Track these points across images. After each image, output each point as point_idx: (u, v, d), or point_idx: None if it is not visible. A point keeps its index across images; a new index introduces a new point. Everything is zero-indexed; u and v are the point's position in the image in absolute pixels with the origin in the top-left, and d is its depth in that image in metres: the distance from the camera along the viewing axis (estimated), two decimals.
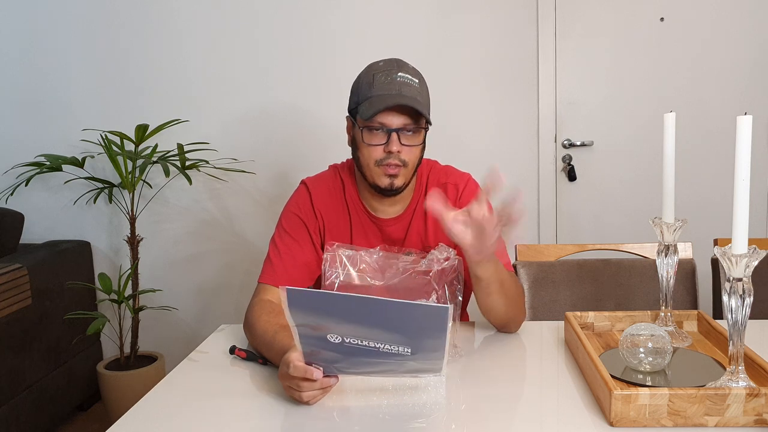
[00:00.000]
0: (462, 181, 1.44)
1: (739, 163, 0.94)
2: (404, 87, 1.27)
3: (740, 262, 0.94)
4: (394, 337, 0.92)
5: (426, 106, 1.31)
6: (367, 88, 1.30)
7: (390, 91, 1.27)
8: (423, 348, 0.93)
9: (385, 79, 1.28)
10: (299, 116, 2.65)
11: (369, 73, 1.31)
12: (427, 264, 1.25)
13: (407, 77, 1.29)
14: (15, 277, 2.20)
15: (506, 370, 1.17)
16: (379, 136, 1.29)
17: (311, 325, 0.93)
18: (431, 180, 1.43)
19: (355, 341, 0.93)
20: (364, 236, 1.42)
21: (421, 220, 1.42)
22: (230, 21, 2.62)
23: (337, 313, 0.91)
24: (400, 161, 1.30)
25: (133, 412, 1.04)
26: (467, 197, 1.41)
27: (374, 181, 1.33)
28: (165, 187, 2.69)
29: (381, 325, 0.91)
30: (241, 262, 2.76)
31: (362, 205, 1.42)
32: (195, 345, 1.34)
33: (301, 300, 0.90)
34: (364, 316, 0.91)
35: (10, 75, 2.71)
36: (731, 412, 0.92)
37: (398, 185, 1.32)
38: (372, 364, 0.98)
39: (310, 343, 0.96)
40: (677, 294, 1.63)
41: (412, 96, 1.27)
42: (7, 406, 2.15)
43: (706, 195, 2.60)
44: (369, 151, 1.31)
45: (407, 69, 1.32)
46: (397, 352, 0.93)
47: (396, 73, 1.29)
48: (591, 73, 2.61)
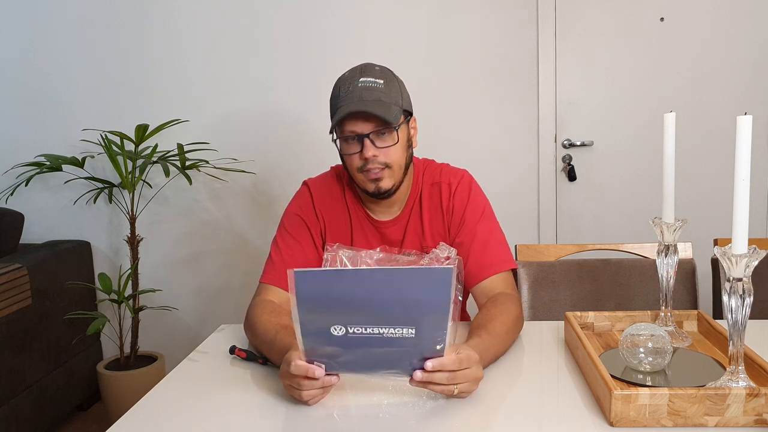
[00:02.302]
0: (455, 179, 1.43)
1: (739, 163, 0.94)
2: (365, 92, 1.28)
3: (740, 262, 0.94)
4: (399, 314, 0.91)
5: (391, 104, 1.29)
6: (334, 100, 1.32)
7: (351, 98, 1.28)
8: (427, 325, 0.92)
9: (347, 88, 1.29)
10: (299, 116, 2.65)
11: (336, 86, 1.33)
12: (427, 263, 1.25)
13: (369, 81, 1.29)
14: (15, 277, 2.20)
15: (506, 369, 1.16)
16: (354, 144, 1.30)
17: (316, 312, 0.92)
18: (425, 179, 1.43)
19: (358, 330, 0.92)
20: (365, 238, 1.42)
21: (417, 221, 1.41)
22: (230, 21, 2.62)
23: (345, 291, 0.90)
24: (380, 164, 1.30)
25: (133, 412, 1.04)
26: (460, 195, 1.41)
27: (363, 186, 1.35)
28: (165, 187, 2.69)
29: (385, 296, 0.90)
30: (241, 262, 2.76)
31: (362, 207, 1.43)
32: (195, 345, 1.34)
33: (308, 281, 0.90)
34: (369, 289, 0.90)
35: (10, 75, 2.71)
36: (731, 412, 0.92)
37: (386, 187, 1.33)
38: (375, 356, 0.97)
39: (312, 338, 0.95)
40: (677, 294, 1.63)
41: (374, 98, 1.27)
42: (7, 406, 2.15)
43: (706, 195, 2.60)
44: (350, 161, 1.33)
45: (371, 72, 1.31)
46: (401, 336, 0.93)
47: (358, 80, 1.30)
48: (591, 73, 2.61)
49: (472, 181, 1.44)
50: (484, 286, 1.34)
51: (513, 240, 1.95)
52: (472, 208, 1.40)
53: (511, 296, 1.31)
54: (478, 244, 1.37)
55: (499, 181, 2.62)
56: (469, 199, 1.40)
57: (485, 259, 1.35)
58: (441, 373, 0.96)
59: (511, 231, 2.60)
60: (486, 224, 1.40)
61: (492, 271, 1.34)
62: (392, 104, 1.29)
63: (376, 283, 0.91)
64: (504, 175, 2.64)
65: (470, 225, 1.38)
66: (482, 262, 1.35)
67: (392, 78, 1.33)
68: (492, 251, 1.37)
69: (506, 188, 2.64)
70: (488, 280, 1.34)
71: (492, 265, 1.35)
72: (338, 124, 1.29)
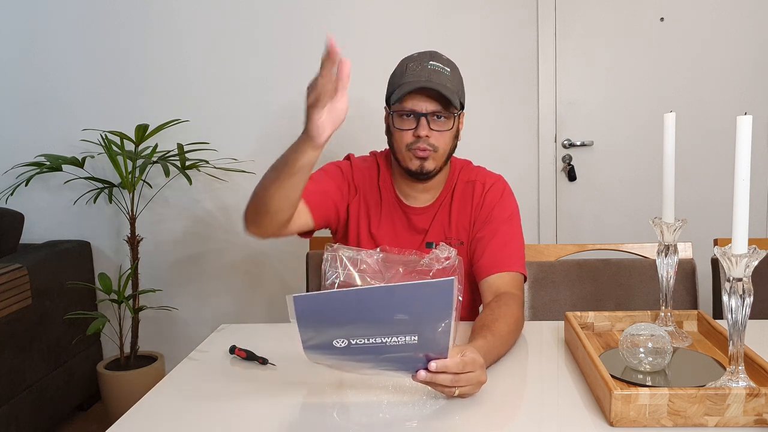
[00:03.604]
0: (490, 180, 1.48)
1: (739, 163, 0.94)
2: (434, 74, 1.33)
3: (740, 262, 0.94)
4: (400, 326, 0.91)
5: (455, 93, 1.34)
6: (399, 76, 1.37)
7: (419, 77, 1.32)
8: (429, 332, 0.92)
9: (416, 67, 1.34)
10: (299, 116, 2.61)
11: (403, 64, 1.38)
12: (427, 263, 1.25)
13: (438, 66, 1.35)
14: (15, 277, 2.20)
15: (506, 369, 1.16)
16: (409, 121, 1.35)
17: (317, 330, 0.92)
18: (461, 176, 1.48)
19: (361, 341, 0.93)
20: (390, 221, 1.45)
21: (446, 213, 1.45)
22: (230, 21, 2.62)
23: (344, 311, 0.91)
24: (430, 146, 1.34)
25: (133, 412, 1.04)
26: (492, 194, 1.45)
27: (406, 164, 1.38)
28: (165, 187, 2.69)
29: (387, 314, 0.90)
30: (241, 262, 2.76)
31: (394, 191, 1.46)
32: (195, 345, 1.34)
33: (308, 305, 0.90)
34: (370, 308, 0.90)
35: (10, 75, 2.71)
36: (731, 412, 0.92)
37: (429, 168, 1.36)
38: (378, 361, 0.97)
39: (314, 351, 0.95)
40: (677, 294, 1.63)
41: (441, 83, 1.32)
42: (7, 406, 2.15)
43: (706, 195, 2.60)
44: (400, 136, 1.36)
45: (440, 59, 1.37)
46: (404, 343, 0.93)
47: (428, 62, 1.35)
48: (591, 73, 2.61)
49: (506, 186, 1.49)
50: (493, 281, 1.35)
51: None
52: (501, 208, 1.43)
53: (515, 297, 1.32)
54: (498, 241, 1.39)
55: None
56: (501, 200, 1.45)
57: (501, 256, 1.37)
58: (444, 375, 0.97)
59: None
60: (510, 227, 1.43)
61: (504, 268, 1.36)
62: (455, 92, 1.34)
63: (378, 301, 0.91)
64: (504, 175, 2.62)
65: (495, 223, 1.41)
66: (498, 257, 1.37)
67: (456, 69, 1.40)
68: (510, 251, 1.39)
69: None
70: (498, 276, 1.35)
71: (506, 263, 1.37)
72: (400, 99, 1.33)
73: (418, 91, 1.31)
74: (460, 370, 0.97)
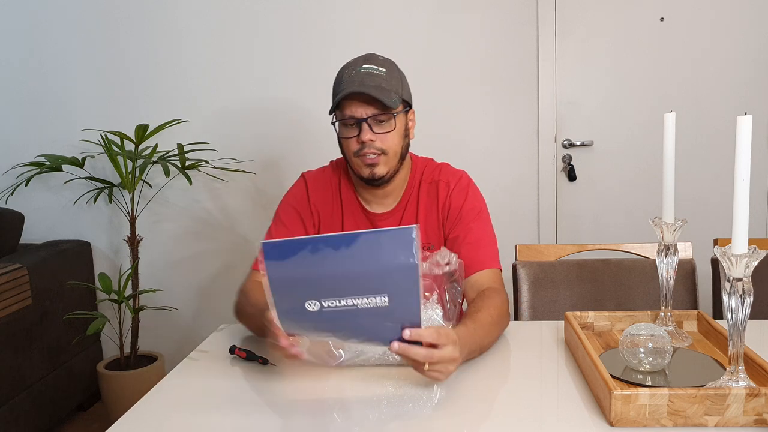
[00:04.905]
0: (454, 179, 1.45)
1: (739, 163, 0.94)
2: (367, 77, 1.31)
3: (740, 262, 0.94)
4: (369, 279, 0.92)
5: (392, 92, 1.32)
6: (337, 84, 1.35)
7: (352, 82, 1.31)
8: (398, 292, 0.93)
9: (351, 73, 1.33)
10: (299, 116, 2.65)
11: (339, 71, 1.37)
12: (428, 268, 1.25)
13: (372, 68, 1.32)
14: (15, 277, 2.20)
15: (506, 369, 1.17)
16: (352, 128, 1.33)
17: (288, 285, 0.93)
18: (424, 177, 1.45)
19: (333, 303, 0.93)
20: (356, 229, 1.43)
21: (412, 216, 1.43)
22: (230, 21, 2.62)
23: (312, 259, 0.92)
24: (377, 149, 1.33)
25: (133, 412, 1.04)
26: (457, 195, 1.43)
27: (358, 172, 1.37)
28: (165, 187, 2.69)
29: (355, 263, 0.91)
30: (241, 262, 2.75)
31: (357, 199, 1.45)
32: (195, 345, 1.34)
33: (278, 252, 0.92)
34: (338, 255, 0.92)
35: (10, 75, 2.71)
36: (731, 412, 0.92)
37: (380, 174, 1.35)
38: (352, 328, 0.98)
39: (288, 317, 0.96)
40: (677, 294, 1.63)
41: (376, 84, 1.30)
42: (7, 406, 2.15)
43: (706, 195, 2.60)
44: (347, 144, 1.35)
45: (374, 60, 1.35)
46: (375, 306, 0.94)
47: (361, 66, 1.33)
48: (591, 73, 2.61)
49: (470, 182, 1.46)
50: (475, 280, 1.36)
51: (513, 240, 1.96)
52: (469, 206, 1.42)
53: (498, 291, 1.33)
54: (472, 240, 1.39)
55: (499, 181, 2.62)
56: (467, 199, 1.43)
57: (478, 254, 1.38)
58: (418, 349, 0.98)
59: (511, 231, 2.63)
60: (481, 223, 1.42)
61: (483, 267, 1.37)
62: (392, 91, 1.32)
63: (343, 247, 0.92)
64: (504, 175, 2.64)
65: (466, 221, 1.41)
66: (474, 257, 1.37)
67: (394, 68, 1.37)
68: (484, 249, 1.39)
69: (506, 188, 2.64)
70: (479, 275, 1.36)
71: (483, 261, 1.37)
72: (338, 107, 1.32)
73: (353, 96, 1.29)
74: (434, 340, 0.98)
